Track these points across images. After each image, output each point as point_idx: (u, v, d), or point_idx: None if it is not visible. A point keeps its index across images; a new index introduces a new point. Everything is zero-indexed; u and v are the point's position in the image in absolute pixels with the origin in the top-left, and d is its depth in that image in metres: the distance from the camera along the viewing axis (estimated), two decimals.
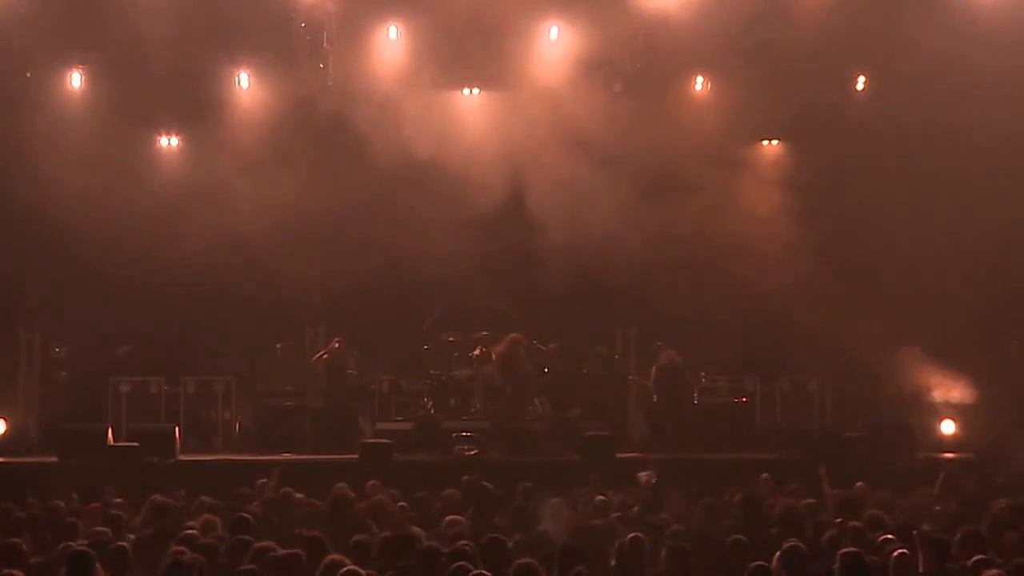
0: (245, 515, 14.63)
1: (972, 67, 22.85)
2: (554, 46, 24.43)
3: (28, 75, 24.37)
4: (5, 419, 24.00)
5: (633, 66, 24.68)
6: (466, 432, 23.22)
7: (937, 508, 16.78)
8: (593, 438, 22.77)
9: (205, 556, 12.43)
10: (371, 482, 18.41)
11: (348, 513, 16.02)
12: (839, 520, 14.99)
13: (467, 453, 22.70)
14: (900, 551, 12.25)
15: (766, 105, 24.41)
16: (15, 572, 11.55)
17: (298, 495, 17.24)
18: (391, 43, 24.64)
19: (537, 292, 25.58)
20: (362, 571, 11.02)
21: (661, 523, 15.05)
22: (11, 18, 23.25)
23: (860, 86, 25.16)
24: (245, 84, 25.12)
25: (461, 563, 11.43)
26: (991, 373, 24.00)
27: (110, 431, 23.07)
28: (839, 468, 19.83)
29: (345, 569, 10.99)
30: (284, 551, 12.19)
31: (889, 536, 13.13)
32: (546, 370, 25.24)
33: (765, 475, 19.31)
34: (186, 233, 24.32)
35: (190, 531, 13.98)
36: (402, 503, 16.72)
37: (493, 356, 24.94)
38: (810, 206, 24.24)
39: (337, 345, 24.75)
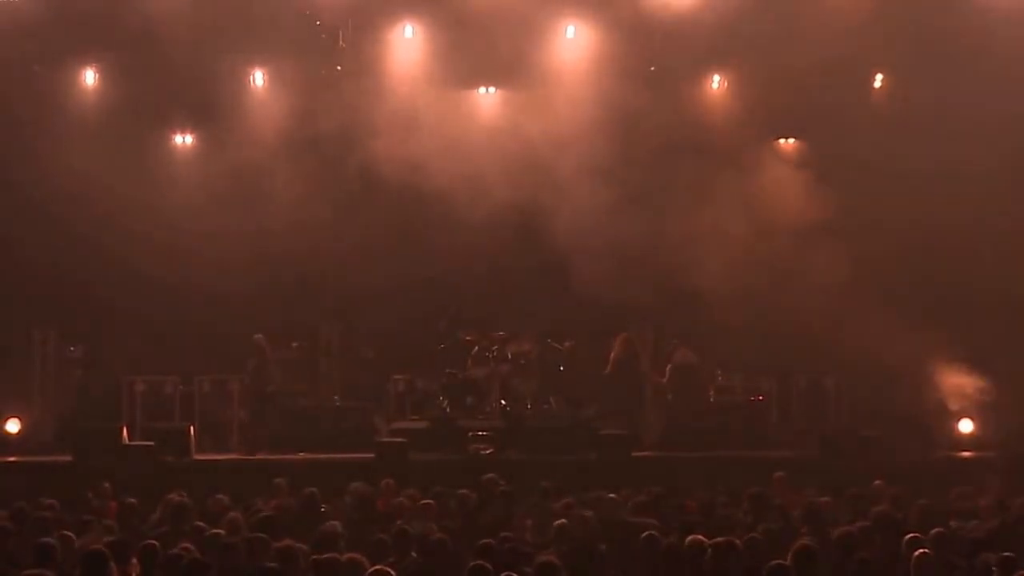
0: (269, 514, 14.66)
1: (992, 65, 22.82)
2: (571, 44, 24.44)
3: (42, 73, 24.34)
4: (20, 418, 24.00)
5: (650, 65, 24.65)
6: (482, 431, 23.19)
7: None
8: (609, 437, 22.72)
9: (226, 555, 12.44)
10: (385, 481, 18.43)
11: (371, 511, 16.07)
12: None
13: (483, 452, 22.68)
14: (922, 551, 12.22)
15: (783, 103, 24.43)
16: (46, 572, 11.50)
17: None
18: (407, 42, 24.63)
19: (551, 290, 25.54)
20: (391, 571, 10.98)
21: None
22: (26, 16, 23.24)
23: (878, 84, 25.13)
24: (259, 83, 25.12)
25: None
26: (1009, 371, 23.90)
27: (125, 430, 23.07)
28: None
29: (373, 569, 10.99)
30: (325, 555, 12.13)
31: (915, 535, 13.06)
32: (561, 368, 25.23)
33: (779, 474, 19.27)
34: (201, 231, 24.32)
35: (215, 531, 13.92)
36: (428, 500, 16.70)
37: (509, 355, 24.97)
38: (826, 203, 24.15)
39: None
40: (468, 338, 25.45)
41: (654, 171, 24.08)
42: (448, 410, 24.60)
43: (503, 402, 24.84)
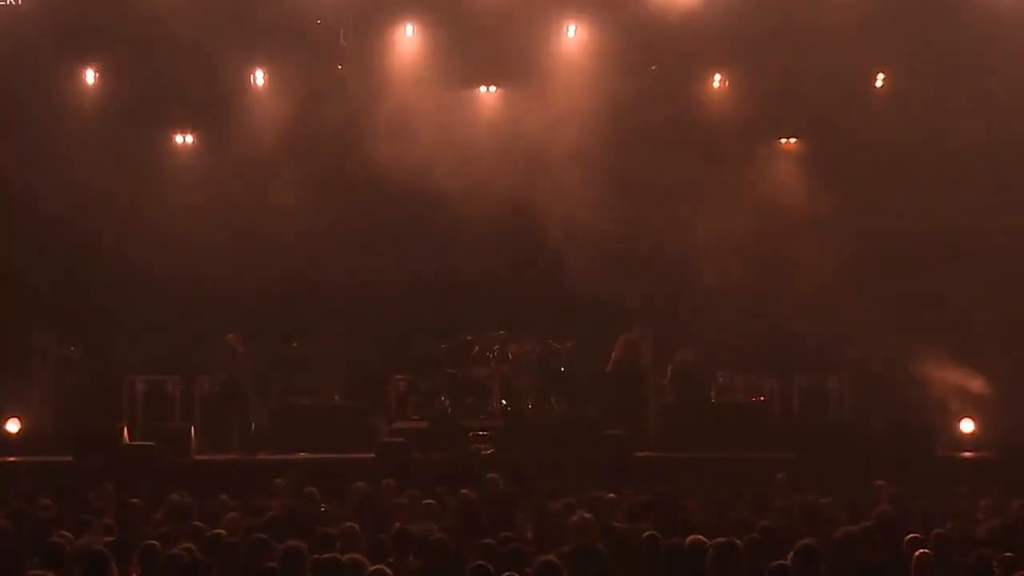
0: (270, 514, 14.66)
1: (994, 64, 22.83)
2: (572, 43, 24.44)
3: (42, 72, 24.31)
4: (20, 418, 23.97)
5: (651, 64, 24.67)
6: (483, 431, 23.19)
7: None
8: (611, 437, 22.70)
9: (227, 555, 12.43)
10: (386, 481, 18.43)
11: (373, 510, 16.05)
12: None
13: (484, 452, 22.68)
14: (922, 551, 12.21)
15: (784, 103, 24.43)
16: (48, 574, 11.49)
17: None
18: (407, 41, 24.63)
19: (552, 289, 25.51)
20: (391, 571, 10.98)
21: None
22: (26, 15, 23.24)
23: (879, 83, 25.11)
24: (260, 82, 25.12)
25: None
26: (1010, 371, 23.90)
27: (125, 430, 23.06)
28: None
29: (373, 569, 10.98)
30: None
31: (916, 535, 13.04)
32: (562, 368, 25.22)
33: (780, 474, 19.25)
34: (202, 231, 24.31)
35: (216, 531, 13.88)
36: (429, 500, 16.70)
37: (510, 355, 24.97)
38: (827, 203, 24.16)
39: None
40: (468, 338, 25.45)
41: (655, 170, 24.07)
42: (449, 410, 24.61)
43: (504, 402, 24.84)
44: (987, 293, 23.53)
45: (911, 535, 13.09)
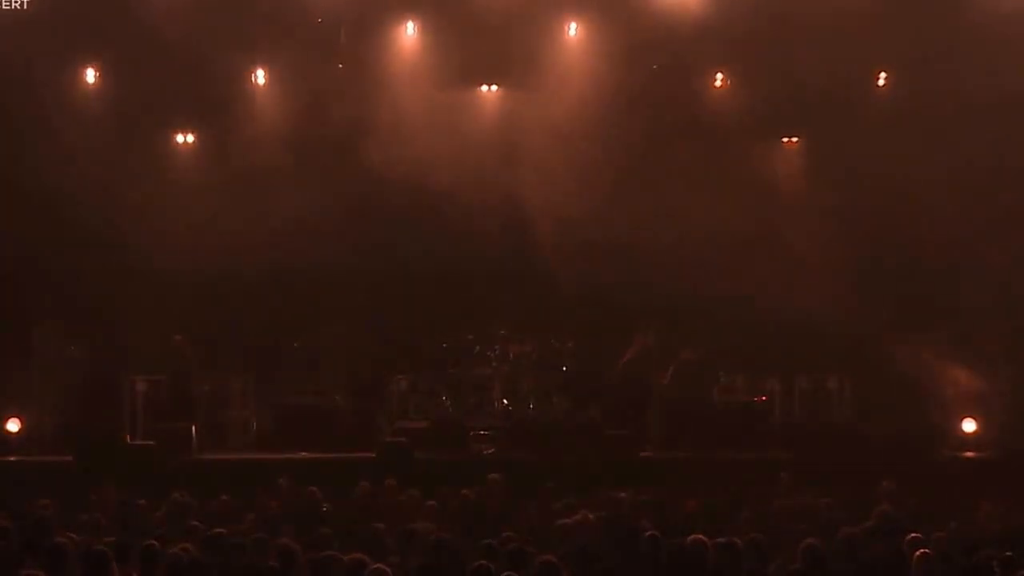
0: (270, 514, 14.67)
1: (997, 62, 22.81)
2: (573, 42, 24.43)
3: (43, 71, 24.29)
4: (20, 418, 23.95)
5: (653, 62, 24.67)
6: (484, 431, 23.19)
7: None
8: (613, 437, 22.68)
9: (227, 555, 12.43)
10: (387, 481, 18.43)
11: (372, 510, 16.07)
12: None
13: (485, 452, 22.68)
14: (923, 551, 12.20)
15: (786, 101, 24.42)
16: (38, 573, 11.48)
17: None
18: (408, 39, 24.63)
19: (554, 289, 25.51)
20: (388, 570, 10.99)
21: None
22: (26, 14, 23.23)
23: (881, 82, 25.09)
24: (261, 81, 25.12)
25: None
26: (1013, 370, 23.89)
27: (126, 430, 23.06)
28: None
29: (373, 568, 11.00)
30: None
31: (917, 535, 13.04)
32: (564, 368, 25.22)
33: (782, 474, 19.24)
34: (203, 231, 24.30)
35: (216, 531, 13.88)
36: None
37: (511, 355, 24.96)
38: (829, 202, 24.15)
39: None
40: (470, 337, 25.44)
41: (657, 169, 24.09)
42: (450, 410, 24.60)
43: (505, 402, 24.84)
44: (989, 292, 23.55)
45: (911, 535, 13.09)
